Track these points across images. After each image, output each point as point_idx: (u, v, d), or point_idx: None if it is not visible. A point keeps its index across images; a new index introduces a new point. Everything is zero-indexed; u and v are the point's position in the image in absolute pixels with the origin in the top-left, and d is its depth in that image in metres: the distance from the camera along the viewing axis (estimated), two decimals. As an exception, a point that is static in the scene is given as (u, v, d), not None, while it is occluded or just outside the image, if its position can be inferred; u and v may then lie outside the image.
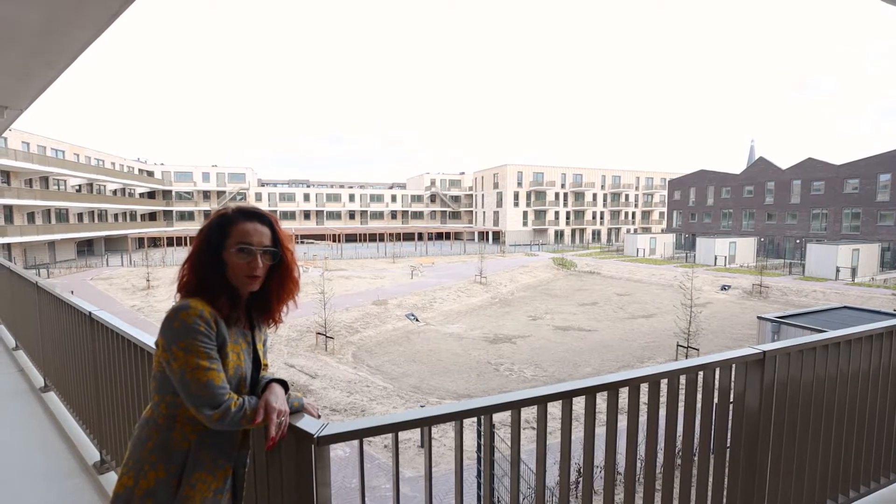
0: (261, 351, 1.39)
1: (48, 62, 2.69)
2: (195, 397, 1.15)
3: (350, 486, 8.68)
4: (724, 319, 24.11)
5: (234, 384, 1.25)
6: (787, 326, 10.45)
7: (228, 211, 1.32)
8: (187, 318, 1.18)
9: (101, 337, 2.58)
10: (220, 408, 1.16)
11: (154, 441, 1.21)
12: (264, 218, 1.34)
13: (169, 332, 1.19)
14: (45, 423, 3.50)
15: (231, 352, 1.25)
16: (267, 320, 1.41)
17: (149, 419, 1.25)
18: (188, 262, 1.30)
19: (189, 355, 1.16)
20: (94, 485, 2.67)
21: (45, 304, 3.74)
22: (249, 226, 1.30)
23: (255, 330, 1.38)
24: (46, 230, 36.28)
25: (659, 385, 1.74)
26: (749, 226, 46.04)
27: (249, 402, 1.22)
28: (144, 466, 1.19)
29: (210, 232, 1.29)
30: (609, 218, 68.11)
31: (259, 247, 1.29)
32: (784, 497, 2.12)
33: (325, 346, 18.89)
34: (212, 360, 1.18)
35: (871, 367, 2.38)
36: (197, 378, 1.15)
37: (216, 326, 1.22)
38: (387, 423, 1.25)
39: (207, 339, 1.19)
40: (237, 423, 1.19)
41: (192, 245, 1.34)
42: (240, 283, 1.29)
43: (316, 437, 1.16)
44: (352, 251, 49.40)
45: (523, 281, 35.47)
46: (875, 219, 36.58)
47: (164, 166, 61.03)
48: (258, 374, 1.36)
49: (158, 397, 1.24)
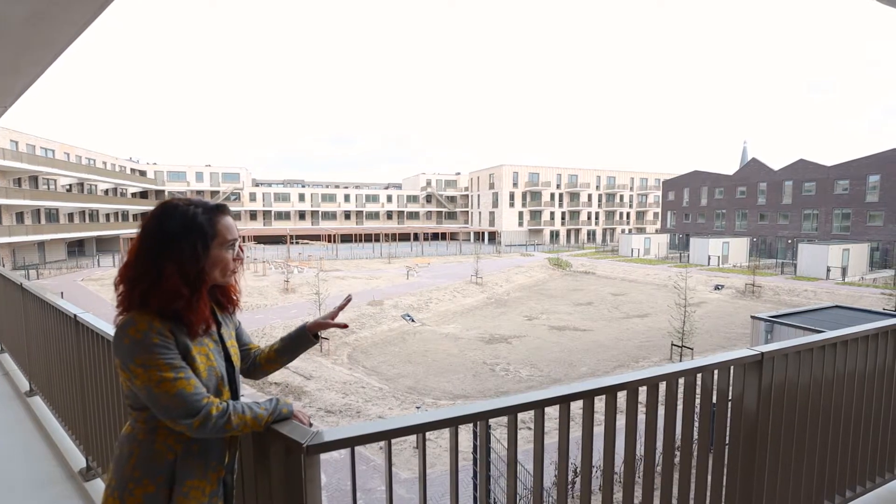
0: (232, 347, 1.32)
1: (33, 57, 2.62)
2: (168, 409, 1.08)
3: (346, 488, 8.62)
4: (717, 319, 24.27)
5: (213, 386, 1.19)
6: (780, 326, 10.52)
7: (199, 209, 1.20)
8: (136, 333, 1.10)
9: (86, 340, 2.52)
10: (198, 415, 1.09)
11: (137, 457, 1.15)
12: (225, 207, 1.28)
13: (121, 350, 1.11)
14: (29, 428, 3.42)
15: (198, 355, 1.17)
16: (229, 308, 1.35)
17: (129, 435, 1.18)
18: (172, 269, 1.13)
19: (150, 370, 1.08)
20: (79, 492, 2.60)
21: (30, 306, 3.66)
22: (229, 219, 1.25)
23: (222, 326, 1.31)
24: (36, 230, 35.82)
25: (658, 388, 1.71)
26: (742, 226, 46.44)
27: (234, 407, 1.16)
28: (129, 485, 1.13)
29: (196, 230, 1.17)
30: (604, 218, 68.44)
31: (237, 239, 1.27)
32: (782, 498, 2.11)
33: (320, 347, 18.79)
34: (177, 370, 1.10)
35: (868, 368, 2.38)
36: (165, 391, 1.08)
37: (172, 335, 1.13)
38: (379, 431, 1.21)
39: (165, 349, 1.10)
40: (221, 429, 1.12)
41: (155, 248, 1.15)
42: (224, 279, 1.25)
43: (305, 446, 1.12)
44: (347, 251, 49.24)
45: (519, 281, 35.53)
46: (865, 219, 37.04)
47: (157, 166, 60.50)
48: (234, 372, 1.30)
49: (136, 413, 1.18)
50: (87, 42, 2.61)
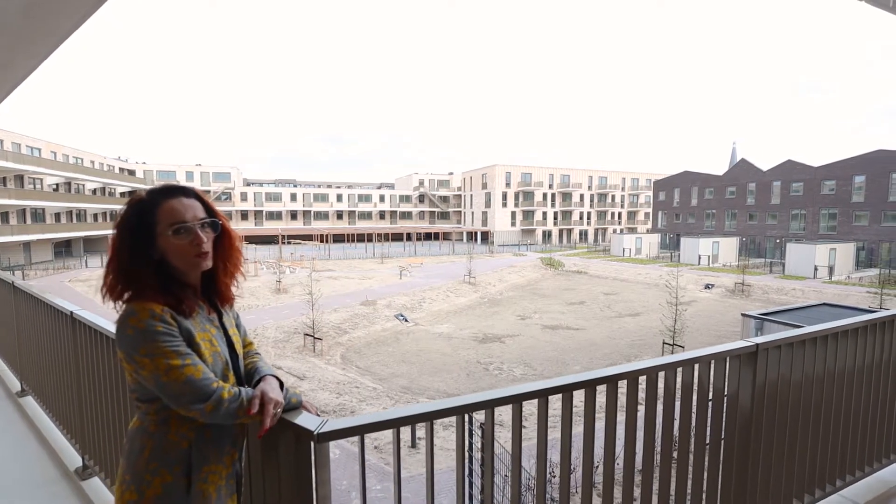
0: (234, 335, 1.32)
1: (27, 51, 2.58)
2: (179, 397, 1.08)
3: (339, 487, 8.58)
4: (708, 317, 24.57)
5: (219, 372, 1.18)
6: (769, 323, 10.71)
7: (143, 195, 1.19)
8: (138, 322, 1.08)
9: (83, 338, 2.49)
10: (210, 399, 1.08)
11: (151, 449, 1.14)
12: (187, 191, 1.22)
13: (125, 342, 1.10)
14: (22, 428, 3.37)
15: (202, 340, 1.16)
16: (223, 299, 1.31)
17: (138, 429, 1.17)
18: (113, 264, 1.15)
19: (156, 359, 1.07)
20: (76, 491, 2.57)
21: (23, 305, 3.60)
22: (175, 202, 1.18)
23: (222, 314, 1.30)
24: (21, 230, 35.14)
25: (657, 378, 1.74)
26: (731, 226, 47.05)
27: (246, 392, 1.16)
28: (146, 476, 1.13)
29: (132, 223, 1.16)
30: (596, 218, 68.91)
31: (196, 221, 1.18)
32: (776, 485, 2.16)
33: (313, 347, 18.68)
34: (183, 357, 1.09)
35: (858, 360, 2.44)
36: (175, 379, 1.07)
37: (175, 321, 1.12)
38: (388, 419, 1.22)
39: (170, 336, 1.09)
40: (234, 413, 1.12)
41: (112, 244, 1.18)
42: (190, 265, 1.19)
43: (316, 433, 1.13)
44: (340, 252, 48.99)
45: (512, 281, 35.64)
46: (850, 219, 37.74)
47: (146, 165, 59.72)
48: (237, 359, 1.30)
49: (144, 406, 1.16)
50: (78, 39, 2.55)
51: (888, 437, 2.64)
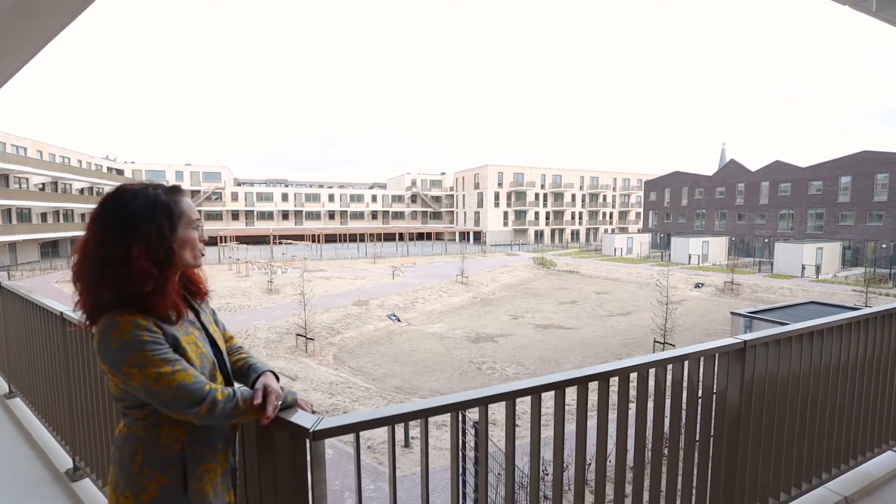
0: (215, 332, 1.31)
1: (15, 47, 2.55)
2: (172, 403, 1.06)
3: (333, 487, 8.55)
4: (698, 316, 24.86)
5: (207, 373, 1.18)
6: (758, 321, 10.87)
7: (159, 190, 1.15)
8: (122, 334, 1.04)
9: (74, 338, 2.47)
10: (204, 401, 1.07)
11: (142, 454, 1.12)
12: (181, 189, 1.24)
13: (109, 356, 1.05)
14: (10, 430, 3.32)
15: (187, 344, 1.15)
16: (198, 294, 1.30)
17: (128, 434, 1.15)
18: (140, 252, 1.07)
19: (145, 368, 1.04)
20: (67, 492, 2.54)
21: (10, 305, 3.55)
22: (189, 200, 1.20)
23: (200, 313, 1.29)
24: (7, 230, 34.50)
25: (648, 375, 1.77)
26: (721, 225, 47.64)
27: (241, 392, 1.16)
28: (141, 481, 1.11)
29: (162, 211, 1.11)
30: (587, 218, 69.34)
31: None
32: (764, 479, 2.20)
33: (305, 347, 18.58)
34: (172, 363, 1.06)
35: (843, 356, 2.49)
36: (166, 385, 1.05)
37: (159, 328, 1.09)
38: (383, 416, 1.23)
39: (156, 344, 1.06)
40: (229, 414, 1.11)
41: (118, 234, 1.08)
42: (195, 261, 1.19)
43: (311, 431, 1.13)
44: (332, 252, 48.77)
45: (504, 280, 35.74)
46: (837, 219, 38.42)
47: (135, 164, 58.94)
48: (223, 357, 1.29)
49: (132, 412, 1.14)
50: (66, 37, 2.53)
51: (872, 431, 2.70)
